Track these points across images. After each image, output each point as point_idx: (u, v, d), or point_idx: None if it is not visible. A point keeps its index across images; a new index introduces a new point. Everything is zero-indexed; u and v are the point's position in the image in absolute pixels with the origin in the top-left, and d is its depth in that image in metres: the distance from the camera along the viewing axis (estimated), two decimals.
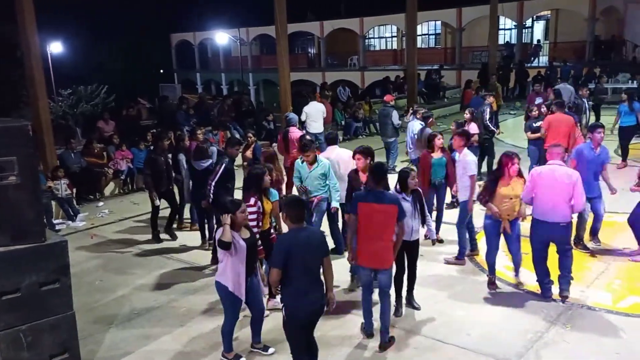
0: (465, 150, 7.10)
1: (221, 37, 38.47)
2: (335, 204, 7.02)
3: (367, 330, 5.43)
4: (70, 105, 27.42)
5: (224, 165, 7.05)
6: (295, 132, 9.69)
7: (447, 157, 7.55)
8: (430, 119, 10.21)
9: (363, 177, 6.22)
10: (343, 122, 16.78)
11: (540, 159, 9.54)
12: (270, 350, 5.21)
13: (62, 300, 4.58)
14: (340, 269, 6.00)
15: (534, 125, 9.86)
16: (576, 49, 27.44)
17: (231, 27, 39.62)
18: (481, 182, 7.25)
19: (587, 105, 12.08)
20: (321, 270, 4.39)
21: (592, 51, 26.87)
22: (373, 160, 6.29)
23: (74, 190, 10.07)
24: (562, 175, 5.73)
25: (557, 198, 5.68)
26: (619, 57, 26.72)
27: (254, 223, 5.55)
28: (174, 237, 8.54)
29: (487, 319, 5.71)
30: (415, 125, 10.02)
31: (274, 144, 13.28)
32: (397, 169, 11.12)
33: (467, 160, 6.95)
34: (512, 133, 14.63)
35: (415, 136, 9.85)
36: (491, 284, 6.28)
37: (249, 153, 8.83)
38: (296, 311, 4.25)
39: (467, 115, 10.06)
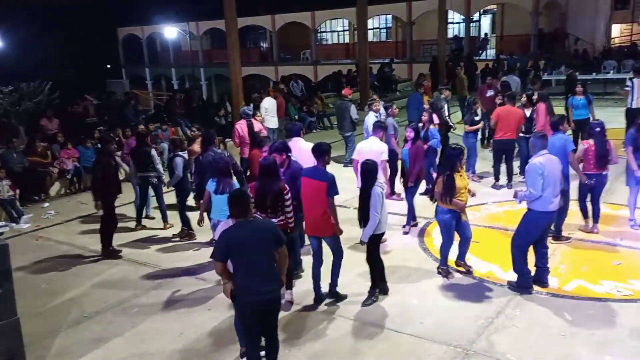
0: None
1: (170, 31, 37.64)
2: None
3: (316, 295, 5.95)
4: (12, 102, 26.25)
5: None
6: (257, 124, 9.82)
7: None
8: (391, 109, 10.08)
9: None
10: (297, 117, 16.74)
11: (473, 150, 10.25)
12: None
13: (5, 306, 4.41)
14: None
15: (475, 118, 10.36)
16: (522, 42, 28.25)
17: (180, 21, 38.83)
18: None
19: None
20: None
21: (536, 44, 27.73)
22: (288, 156, 6.30)
23: (17, 191, 9.67)
24: (558, 164, 5.93)
25: (558, 187, 5.83)
26: (562, 49, 27.70)
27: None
28: (117, 256, 7.79)
29: (439, 307, 5.83)
30: (369, 118, 10.04)
31: (227, 140, 13.15)
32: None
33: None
34: (462, 125, 14.92)
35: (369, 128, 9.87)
36: (448, 273, 6.46)
37: (196, 147, 8.69)
38: (242, 305, 4.28)
39: (424, 117, 10.02)
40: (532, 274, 6.06)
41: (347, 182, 9.61)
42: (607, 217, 7.89)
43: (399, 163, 8.65)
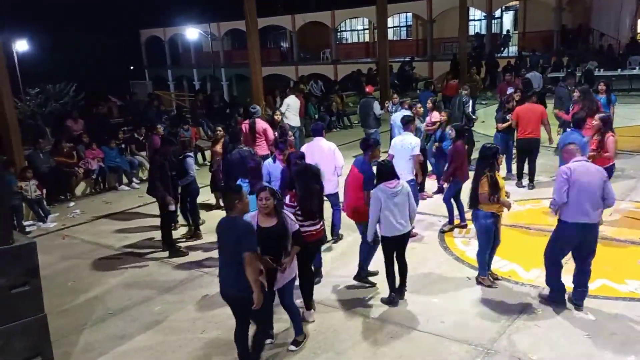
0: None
1: (192, 33, 38.01)
2: None
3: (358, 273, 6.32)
4: (39, 104, 26.83)
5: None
6: (261, 123, 9.66)
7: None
8: (415, 108, 9.83)
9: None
10: (317, 116, 16.78)
11: (507, 150, 9.72)
12: (292, 347, 5.20)
13: (32, 303, 4.51)
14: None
15: (507, 117, 9.88)
16: (544, 38, 27.86)
17: (202, 22, 39.21)
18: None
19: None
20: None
21: (559, 40, 27.32)
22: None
23: (44, 191, 9.90)
24: (595, 172, 5.39)
25: (594, 196, 5.30)
26: (586, 45, 27.23)
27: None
28: (183, 253, 7.76)
29: (461, 306, 5.80)
30: (397, 115, 9.99)
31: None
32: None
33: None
34: (483, 123, 14.82)
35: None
36: (493, 282, 6.17)
37: (218, 148, 8.76)
38: (220, 290, 4.66)
39: (429, 104, 10.16)
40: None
41: None
42: (633, 215, 7.77)
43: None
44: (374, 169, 5.94)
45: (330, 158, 7.32)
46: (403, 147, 7.61)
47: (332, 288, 6.30)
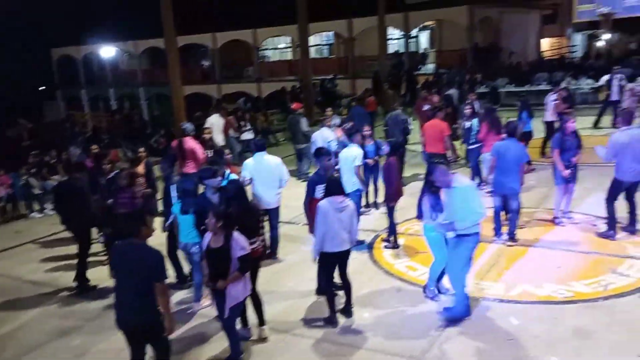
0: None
1: (107, 51, 36.69)
2: None
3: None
4: None
5: None
6: (189, 142, 9.44)
7: None
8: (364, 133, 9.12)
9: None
10: None
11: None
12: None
13: None
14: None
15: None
16: (459, 56, 29.20)
17: (118, 41, 37.98)
18: None
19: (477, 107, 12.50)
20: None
21: (473, 58, 28.76)
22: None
23: None
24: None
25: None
26: (497, 62, 28.83)
27: None
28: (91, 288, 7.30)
29: (392, 319, 5.84)
30: (323, 133, 10.14)
31: None
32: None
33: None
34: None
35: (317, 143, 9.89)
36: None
37: (140, 169, 8.43)
38: (116, 318, 4.39)
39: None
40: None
41: (297, 198, 9.63)
42: (547, 223, 8.20)
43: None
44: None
45: (277, 172, 7.47)
46: (346, 158, 7.87)
47: (267, 307, 6.16)
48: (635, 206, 7.49)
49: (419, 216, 6.04)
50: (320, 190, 6.29)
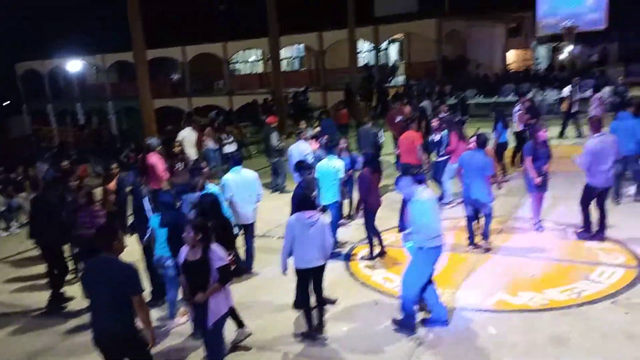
0: None
1: (74, 65, 36.05)
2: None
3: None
4: None
5: None
6: (151, 158, 9.29)
7: None
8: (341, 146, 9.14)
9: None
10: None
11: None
12: None
13: None
14: None
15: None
16: (428, 68, 29.66)
17: (85, 55, 37.38)
18: None
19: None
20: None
21: (441, 70, 29.23)
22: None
23: None
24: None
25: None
26: (466, 74, 29.36)
27: None
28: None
29: (370, 331, 5.80)
30: (299, 147, 10.05)
31: None
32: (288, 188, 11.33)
33: None
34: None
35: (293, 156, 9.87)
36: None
37: (112, 185, 8.26)
38: (93, 336, 4.30)
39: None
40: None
41: (271, 212, 9.58)
42: (520, 231, 8.32)
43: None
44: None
45: (255, 186, 7.47)
46: (328, 170, 7.86)
47: (248, 322, 6.06)
48: (605, 214, 7.65)
49: (401, 228, 6.07)
50: None
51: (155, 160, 9.35)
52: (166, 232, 5.84)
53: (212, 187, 6.91)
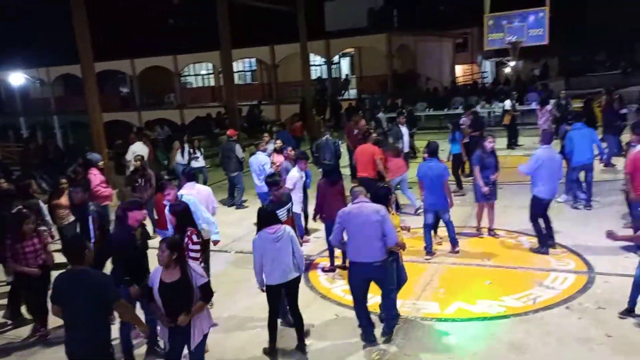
0: None
1: (16, 78, 34.66)
2: (215, 237, 6.86)
3: None
4: None
5: None
6: (90, 174, 9.00)
7: None
8: (286, 151, 9.74)
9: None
10: (166, 162, 16.07)
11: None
12: None
13: None
14: None
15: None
16: (380, 82, 30.16)
17: (28, 67, 36.05)
18: None
19: (403, 131, 12.69)
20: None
21: (392, 84, 29.76)
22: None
23: None
24: (369, 212, 5.46)
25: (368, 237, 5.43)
26: (416, 88, 30.00)
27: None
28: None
29: (333, 345, 5.76)
30: (258, 158, 10.09)
31: None
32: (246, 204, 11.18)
33: None
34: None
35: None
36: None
37: (64, 200, 7.91)
38: (65, 347, 4.17)
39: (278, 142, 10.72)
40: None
41: (230, 225, 9.42)
42: (474, 240, 8.47)
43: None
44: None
45: (210, 202, 7.38)
46: (290, 180, 8.18)
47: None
48: (549, 220, 7.87)
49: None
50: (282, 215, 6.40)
51: (93, 177, 9.02)
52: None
53: (186, 197, 6.73)
